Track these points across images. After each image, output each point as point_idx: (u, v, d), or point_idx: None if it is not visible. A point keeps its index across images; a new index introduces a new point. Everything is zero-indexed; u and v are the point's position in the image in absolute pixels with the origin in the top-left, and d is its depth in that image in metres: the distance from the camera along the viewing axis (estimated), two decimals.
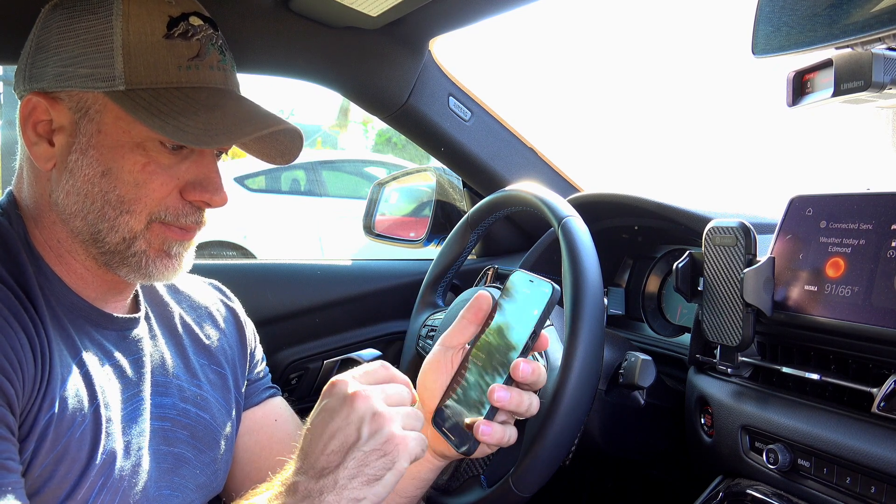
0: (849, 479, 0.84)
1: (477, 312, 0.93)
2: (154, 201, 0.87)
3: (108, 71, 0.85)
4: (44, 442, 0.79)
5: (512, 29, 31.66)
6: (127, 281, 0.94)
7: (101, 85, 0.85)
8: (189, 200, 0.90)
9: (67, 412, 0.81)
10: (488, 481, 1.02)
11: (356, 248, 5.70)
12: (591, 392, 0.95)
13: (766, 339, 1.02)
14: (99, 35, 0.85)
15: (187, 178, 0.89)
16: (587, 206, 1.40)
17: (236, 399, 1.08)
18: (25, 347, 0.78)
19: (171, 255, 0.91)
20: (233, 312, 1.14)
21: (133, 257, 0.89)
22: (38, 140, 0.88)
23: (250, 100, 0.93)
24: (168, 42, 0.86)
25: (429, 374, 0.95)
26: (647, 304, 1.53)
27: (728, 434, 1.02)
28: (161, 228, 0.89)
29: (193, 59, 0.87)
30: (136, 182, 0.86)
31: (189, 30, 0.87)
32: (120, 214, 0.87)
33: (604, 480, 1.62)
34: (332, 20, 1.38)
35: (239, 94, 0.94)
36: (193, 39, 0.88)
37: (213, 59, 0.89)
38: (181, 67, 0.87)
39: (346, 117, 17.75)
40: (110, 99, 0.85)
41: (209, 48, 0.89)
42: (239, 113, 0.89)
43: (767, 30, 0.79)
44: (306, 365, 1.69)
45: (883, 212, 0.86)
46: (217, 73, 0.90)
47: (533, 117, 2.42)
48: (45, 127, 0.88)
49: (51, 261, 0.89)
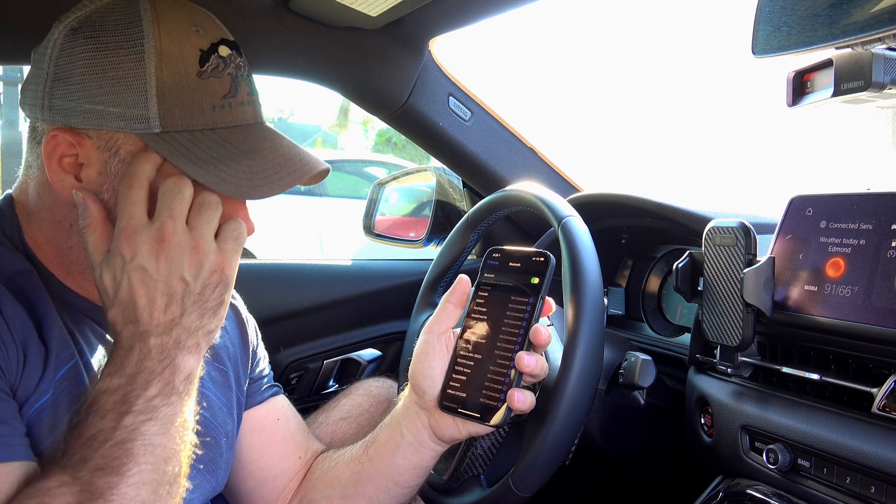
0: (849, 479, 0.84)
1: (461, 296, 0.95)
2: None
3: (141, 112, 0.81)
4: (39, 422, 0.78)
5: (512, 29, 31.67)
6: None
7: (136, 127, 0.81)
8: None
9: (62, 404, 0.80)
10: (488, 481, 1.02)
11: (356, 248, 5.70)
12: (591, 392, 0.95)
13: (766, 339, 1.02)
14: (130, 73, 0.81)
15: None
16: (587, 206, 1.40)
17: (238, 397, 1.08)
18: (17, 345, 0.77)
19: None
20: (235, 310, 1.13)
21: None
22: (64, 176, 0.84)
23: (281, 135, 0.90)
24: (202, 82, 0.83)
25: (425, 362, 0.95)
26: (647, 304, 1.53)
27: (728, 434, 1.02)
28: None
29: (226, 97, 0.85)
30: None
31: (220, 64, 0.84)
32: None
33: (604, 480, 1.62)
34: (332, 20, 1.38)
35: (266, 125, 0.90)
36: (225, 74, 0.85)
37: (243, 94, 0.87)
38: (215, 108, 0.84)
39: (346, 117, 17.75)
40: (144, 141, 0.82)
41: (239, 81, 0.86)
42: (276, 159, 0.86)
43: (767, 30, 0.79)
44: (306, 365, 1.69)
45: (883, 212, 0.86)
46: (248, 108, 0.87)
47: (533, 117, 2.42)
48: (72, 162, 0.84)
49: (48, 263, 0.88)
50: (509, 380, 0.88)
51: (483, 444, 1.07)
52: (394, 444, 0.99)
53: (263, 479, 1.10)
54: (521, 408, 0.87)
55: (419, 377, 0.96)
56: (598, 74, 27.20)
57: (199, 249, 0.78)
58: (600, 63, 31.01)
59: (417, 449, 0.98)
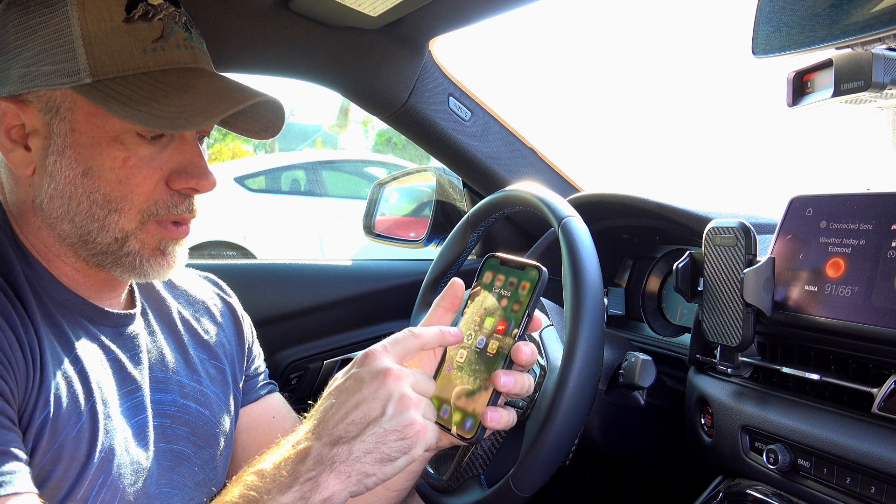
0: (849, 479, 0.84)
1: (453, 300, 0.91)
2: (141, 197, 0.85)
3: (71, 65, 0.82)
4: (40, 441, 0.78)
5: (512, 29, 31.68)
6: (121, 279, 0.93)
7: (66, 80, 0.82)
8: (176, 190, 0.87)
9: (63, 410, 0.80)
10: (488, 481, 1.02)
11: (356, 248, 5.70)
12: (591, 392, 0.95)
13: (766, 339, 1.02)
14: (57, 29, 0.82)
15: (171, 166, 0.87)
16: (587, 206, 1.40)
17: (235, 394, 1.08)
18: (14, 346, 0.77)
19: (166, 253, 0.90)
20: (230, 307, 1.13)
21: (127, 257, 0.87)
22: (13, 146, 0.85)
23: (224, 76, 0.90)
24: (129, 27, 0.83)
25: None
26: (647, 304, 1.53)
27: (728, 434, 1.02)
28: (156, 228, 0.88)
29: (158, 41, 0.84)
30: (118, 179, 0.84)
31: (149, 10, 0.84)
32: (109, 214, 0.85)
33: (604, 480, 1.62)
34: (332, 20, 1.38)
35: (212, 71, 0.90)
36: (155, 20, 0.84)
37: (178, 39, 0.86)
38: (146, 51, 0.84)
39: (346, 117, 17.74)
40: (79, 94, 0.82)
41: (173, 27, 0.86)
42: (213, 90, 0.86)
43: (767, 30, 0.79)
44: (306, 365, 1.69)
45: (883, 212, 0.86)
46: (185, 52, 0.86)
47: (533, 117, 2.42)
48: (19, 132, 0.85)
49: (41, 259, 0.88)
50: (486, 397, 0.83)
51: (483, 444, 1.07)
52: None
53: None
54: (495, 426, 0.82)
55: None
56: (598, 74, 27.19)
57: (418, 402, 0.78)
58: (600, 63, 31.00)
59: None
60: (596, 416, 1.14)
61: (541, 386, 0.99)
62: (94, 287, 0.91)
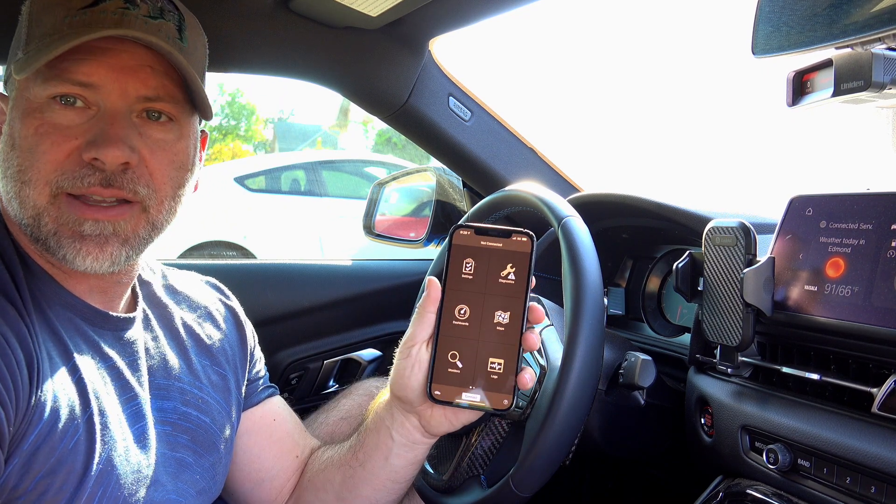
0: (849, 479, 0.84)
1: (435, 302, 0.90)
2: (49, 166, 0.80)
3: (18, 46, 0.85)
4: (36, 455, 0.76)
5: (512, 29, 31.67)
6: (115, 281, 0.91)
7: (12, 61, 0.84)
8: (87, 161, 0.81)
9: (59, 423, 0.78)
10: (488, 481, 1.02)
11: (356, 248, 5.69)
12: (591, 392, 0.95)
13: (766, 339, 1.02)
14: (23, 15, 0.86)
15: (87, 137, 0.81)
16: (587, 206, 1.40)
17: (237, 400, 1.07)
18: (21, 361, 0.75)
19: (85, 236, 0.82)
20: (232, 312, 1.13)
21: (49, 239, 0.82)
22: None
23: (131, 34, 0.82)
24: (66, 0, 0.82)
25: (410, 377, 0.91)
26: (647, 304, 1.53)
27: (728, 434, 1.02)
28: (70, 205, 0.82)
29: (85, 8, 0.81)
30: (29, 147, 0.81)
31: None
32: (22, 187, 0.81)
33: (604, 480, 1.62)
34: (332, 20, 1.38)
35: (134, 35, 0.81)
36: None
37: (110, 6, 0.81)
38: (67, 17, 0.81)
39: (346, 117, 17.75)
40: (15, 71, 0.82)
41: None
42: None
43: (767, 30, 0.79)
44: (306, 365, 1.69)
45: (883, 212, 0.86)
46: (109, 17, 0.81)
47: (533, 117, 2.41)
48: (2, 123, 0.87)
49: (38, 260, 0.86)
50: (517, 362, 0.88)
51: (483, 444, 1.07)
52: (385, 448, 0.98)
53: (261, 479, 1.10)
54: (531, 385, 0.88)
55: (406, 390, 0.91)
56: (598, 74, 27.19)
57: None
58: (600, 63, 31.00)
59: (411, 447, 0.97)
60: (596, 416, 1.14)
61: (541, 385, 0.99)
62: (84, 286, 0.89)
